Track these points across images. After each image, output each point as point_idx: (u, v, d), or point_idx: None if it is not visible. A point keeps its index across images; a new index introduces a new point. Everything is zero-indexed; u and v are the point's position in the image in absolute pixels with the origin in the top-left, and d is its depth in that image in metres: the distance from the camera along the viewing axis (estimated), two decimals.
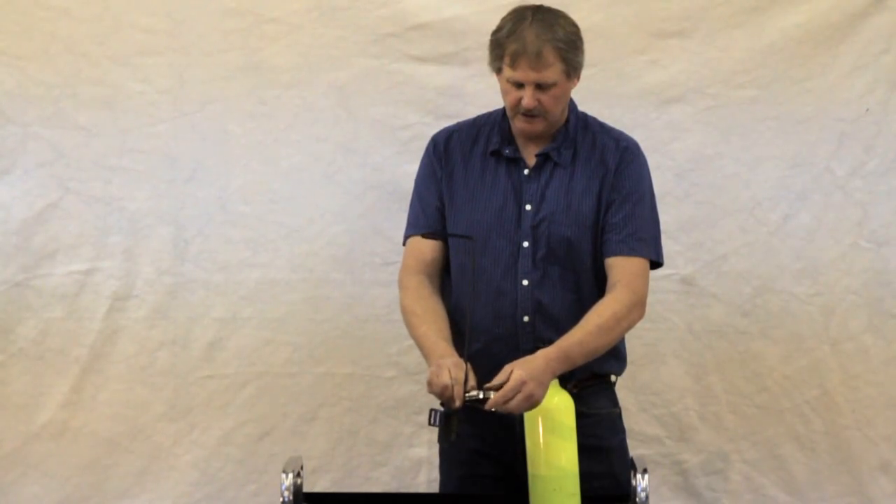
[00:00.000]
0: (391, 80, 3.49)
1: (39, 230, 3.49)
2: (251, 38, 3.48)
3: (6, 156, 3.47)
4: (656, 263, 2.88)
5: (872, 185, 3.50)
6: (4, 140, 3.47)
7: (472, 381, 2.57)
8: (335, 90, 3.49)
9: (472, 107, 3.25)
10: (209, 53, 3.48)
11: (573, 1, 3.39)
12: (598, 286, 2.85)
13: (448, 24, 3.47)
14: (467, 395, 2.55)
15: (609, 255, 2.83)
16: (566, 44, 2.76)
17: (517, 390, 2.54)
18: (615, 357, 2.90)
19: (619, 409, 2.95)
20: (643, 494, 2.53)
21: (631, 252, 2.82)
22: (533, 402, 2.56)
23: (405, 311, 2.85)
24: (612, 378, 2.92)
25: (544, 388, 2.59)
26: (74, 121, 3.47)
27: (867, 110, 3.49)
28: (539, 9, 2.81)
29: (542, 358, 2.62)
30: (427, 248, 2.90)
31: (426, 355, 2.74)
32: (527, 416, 2.61)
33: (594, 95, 3.38)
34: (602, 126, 2.92)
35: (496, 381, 2.57)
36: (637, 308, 2.80)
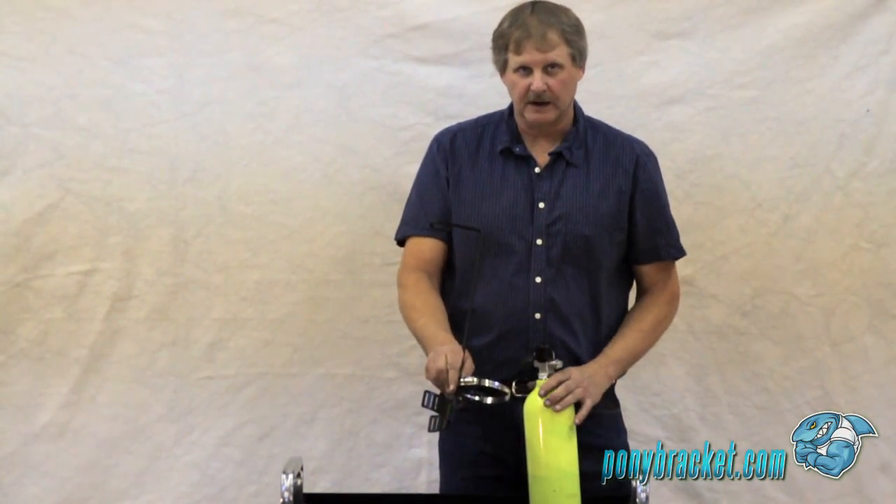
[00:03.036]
0: (391, 81, 3.49)
1: (39, 231, 3.48)
2: (251, 39, 3.48)
3: (6, 156, 3.47)
4: None
5: (873, 186, 3.51)
6: (4, 140, 3.47)
7: (468, 366, 2.59)
8: (335, 91, 3.49)
9: (472, 107, 3.26)
10: (209, 54, 3.48)
11: (573, 2, 3.39)
12: (613, 286, 2.88)
13: (448, 24, 3.47)
14: (463, 380, 2.56)
15: (639, 264, 2.92)
16: (570, 27, 2.80)
17: (567, 379, 2.62)
18: None
19: (620, 408, 2.96)
20: (643, 495, 2.53)
21: (670, 256, 2.93)
22: (578, 396, 2.63)
23: (404, 306, 2.87)
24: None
25: (598, 388, 2.70)
26: (74, 121, 3.47)
27: (867, 111, 3.49)
28: (538, 3, 2.83)
29: (594, 364, 2.76)
30: (426, 246, 2.91)
31: (425, 346, 2.77)
32: (526, 416, 2.61)
33: (594, 96, 3.38)
34: (610, 128, 2.96)
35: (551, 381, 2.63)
36: (674, 304, 2.95)
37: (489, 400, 2.62)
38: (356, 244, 3.51)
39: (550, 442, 2.60)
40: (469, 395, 2.60)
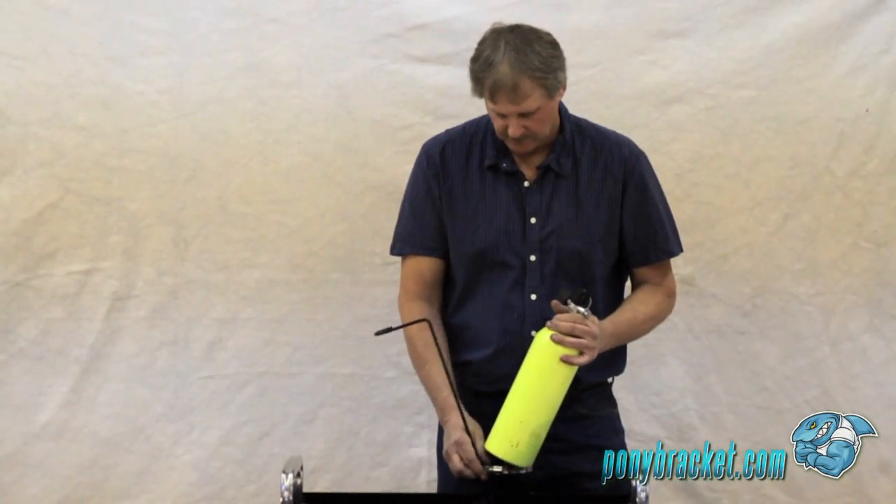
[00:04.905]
0: (391, 81, 3.49)
1: (39, 230, 3.49)
2: (251, 38, 3.48)
3: (6, 156, 3.47)
4: None
5: (872, 185, 3.51)
6: (4, 140, 3.47)
7: (479, 445, 2.68)
8: (335, 90, 3.50)
9: (472, 107, 3.24)
10: (209, 53, 3.48)
11: (573, 1, 3.40)
12: (608, 291, 2.86)
13: (448, 24, 3.47)
14: (487, 468, 2.66)
15: (638, 266, 2.89)
16: (542, 70, 2.69)
17: (586, 328, 2.64)
18: (621, 361, 2.93)
19: (617, 409, 2.96)
20: (643, 495, 2.53)
21: (659, 258, 2.89)
22: (582, 345, 2.64)
23: (408, 342, 2.87)
24: (610, 379, 2.93)
25: (597, 351, 2.68)
26: (74, 121, 3.47)
27: (867, 111, 3.49)
28: (514, 31, 2.73)
29: (606, 327, 2.74)
30: (426, 268, 2.88)
31: (433, 402, 2.82)
32: (534, 343, 2.65)
33: (594, 96, 3.39)
34: (597, 129, 2.89)
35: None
36: (671, 301, 2.93)
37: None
38: (356, 244, 3.51)
39: (542, 374, 2.62)
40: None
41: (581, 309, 2.66)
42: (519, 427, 2.62)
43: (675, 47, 3.49)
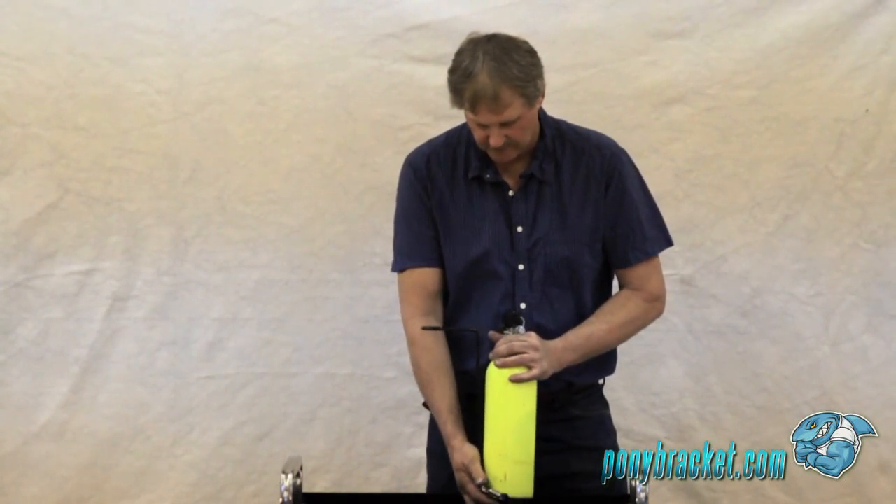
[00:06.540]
0: (391, 81, 3.49)
1: (39, 230, 3.49)
2: (251, 39, 3.49)
3: (6, 156, 3.48)
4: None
5: (872, 185, 3.51)
6: (4, 140, 3.47)
7: (474, 469, 2.65)
8: (335, 90, 3.50)
9: None
10: (209, 54, 3.48)
11: (573, 1, 3.40)
12: (598, 293, 2.86)
13: (447, 24, 3.47)
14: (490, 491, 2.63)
15: (619, 268, 2.86)
16: (522, 79, 2.67)
17: (523, 342, 2.62)
18: (612, 361, 2.92)
19: (609, 410, 2.95)
20: (643, 495, 2.53)
21: (638, 259, 2.84)
22: (525, 361, 2.62)
23: (414, 366, 2.85)
24: (601, 381, 2.93)
25: (550, 365, 2.65)
26: (74, 121, 3.47)
27: (867, 111, 3.49)
28: (491, 40, 2.72)
29: (555, 343, 2.70)
30: (429, 279, 2.86)
31: (441, 430, 2.79)
32: (487, 377, 2.63)
33: (594, 96, 3.39)
34: (577, 132, 2.86)
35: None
36: (656, 305, 2.87)
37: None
38: (356, 244, 3.52)
39: (502, 404, 2.61)
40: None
41: (515, 329, 2.66)
42: (501, 461, 2.60)
43: (675, 47, 3.49)
